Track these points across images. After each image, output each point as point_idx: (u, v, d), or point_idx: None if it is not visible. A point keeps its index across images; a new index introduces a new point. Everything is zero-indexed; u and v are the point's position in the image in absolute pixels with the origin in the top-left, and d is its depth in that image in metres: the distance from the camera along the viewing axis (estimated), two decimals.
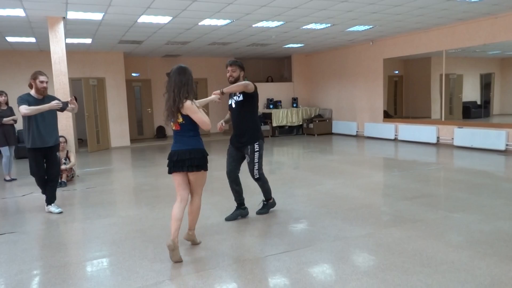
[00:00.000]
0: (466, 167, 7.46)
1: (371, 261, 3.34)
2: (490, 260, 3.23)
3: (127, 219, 4.88)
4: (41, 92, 4.94)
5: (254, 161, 4.49)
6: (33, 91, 4.98)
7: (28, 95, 4.93)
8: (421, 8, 7.82)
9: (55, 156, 5.20)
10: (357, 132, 13.14)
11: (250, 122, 4.54)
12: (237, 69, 4.49)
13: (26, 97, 4.86)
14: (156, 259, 3.55)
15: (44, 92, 4.97)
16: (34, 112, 4.77)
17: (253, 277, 3.13)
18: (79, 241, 4.29)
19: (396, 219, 4.43)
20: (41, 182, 5.19)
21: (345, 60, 13.54)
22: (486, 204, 4.90)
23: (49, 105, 4.79)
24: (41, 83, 4.91)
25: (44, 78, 4.93)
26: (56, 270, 3.43)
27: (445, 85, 10.37)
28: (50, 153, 5.11)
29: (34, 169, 5.08)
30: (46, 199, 5.24)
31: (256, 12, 7.65)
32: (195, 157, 3.62)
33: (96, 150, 11.90)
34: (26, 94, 4.96)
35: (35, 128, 4.90)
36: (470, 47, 9.57)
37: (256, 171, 4.52)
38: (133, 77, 14.22)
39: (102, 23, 8.08)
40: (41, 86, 4.91)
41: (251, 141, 4.48)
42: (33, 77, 4.94)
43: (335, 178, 6.82)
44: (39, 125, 4.91)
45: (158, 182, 7.08)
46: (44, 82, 4.92)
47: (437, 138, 10.34)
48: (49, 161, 5.15)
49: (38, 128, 4.91)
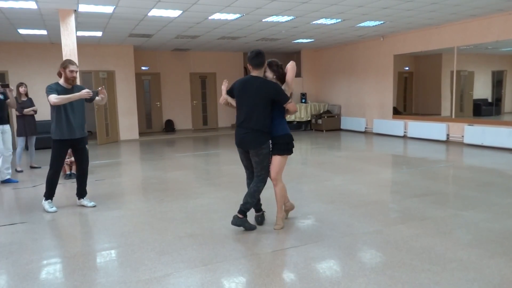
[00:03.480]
0: (476, 165, 7.39)
1: (379, 258, 3.34)
2: (500, 259, 3.21)
3: (136, 212, 4.92)
4: (70, 82, 4.81)
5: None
6: (62, 80, 4.83)
7: (57, 84, 4.80)
8: (433, 3, 7.73)
9: (85, 148, 5.05)
10: (366, 129, 13.07)
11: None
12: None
13: (55, 86, 4.74)
14: (164, 251, 3.58)
15: (74, 82, 4.85)
16: (64, 101, 4.64)
17: (261, 271, 3.14)
18: (88, 232, 4.34)
19: (404, 216, 4.41)
20: (57, 176, 5.00)
21: (355, 56, 13.44)
22: (496, 202, 4.85)
23: (80, 94, 4.68)
24: (71, 72, 4.78)
25: (74, 68, 4.80)
26: (66, 261, 3.48)
27: (456, 82, 10.25)
28: (78, 146, 4.96)
29: (56, 161, 4.91)
30: (77, 193, 5.21)
31: (266, 6, 7.61)
32: None
33: (105, 142, 11.99)
34: (55, 83, 4.82)
35: (65, 118, 4.75)
36: (482, 43, 9.43)
37: None
38: (143, 70, 14.27)
39: (112, 16, 8.10)
40: (70, 76, 4.78)
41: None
42: (63, 65, 4.80)
43: (343, 174, 6.80)
44: (69, 115, 4.76)
45: (166, 176, 7.12)
46: (74, 71, 4.80)
47: (447, 136, 10.24)
48: (80, 154, 5.02)
49: (68, 119, 4.76)
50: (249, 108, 3.89)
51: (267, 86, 3.87)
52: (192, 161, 8.70)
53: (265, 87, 3.87)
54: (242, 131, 3.94)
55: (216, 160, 8.87)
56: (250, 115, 3.89)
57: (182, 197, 5.51)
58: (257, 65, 3.89)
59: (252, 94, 3.87)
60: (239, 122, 3.97)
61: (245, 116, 3.92)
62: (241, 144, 4.01)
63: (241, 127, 3.95)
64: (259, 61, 3.89)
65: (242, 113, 3.95)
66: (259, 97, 3.85)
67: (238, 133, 4.00)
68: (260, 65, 3.90)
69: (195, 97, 15.28)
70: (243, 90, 3.94)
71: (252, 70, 3.92)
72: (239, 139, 4.01)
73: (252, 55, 3.88)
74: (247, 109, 3.90)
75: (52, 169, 4.93)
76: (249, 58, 3.90)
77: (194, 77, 15.17)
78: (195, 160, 8.83)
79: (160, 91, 14.67)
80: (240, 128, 3.97)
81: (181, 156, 9.42)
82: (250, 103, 3.88)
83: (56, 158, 4.90)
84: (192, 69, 15.03)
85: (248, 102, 3.89)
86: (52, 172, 4.94)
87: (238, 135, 4.01)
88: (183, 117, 15.09)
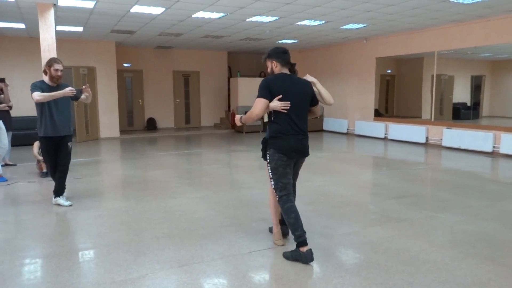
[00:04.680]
0: (453, 168, 7.53)
1: (355, 259, 3.36)
2: (472, 261, 3.27)
3: (113, 211, 4.85)
4: (55, 80, 4.87)
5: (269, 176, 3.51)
6: (47, 78, 4.90)
7: (42, 82, 4.87)
8: (415, 8, 7.84)
9: (67, 146, 5.04)
10: (348, 130, 13.19)
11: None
12: (267, 61, 3.54)
13: (39, 84, 4.80)
14: (140, 252, 3.54)
15: (58, 80, 4.90)
16: (47, 99, 4.69)
17: (237, 272, 3.14)
18: (63, 232, 4.25)
19: (381, 218, 4.46)
20: (53, 170, 5.11)
21: (339, 58, 13.55)
22: (471, 205, 4.96)
23: (63, 92, 4.69)
24: (56, 71, 4.83)
25: (59, 66, 4.84)
26: (38, 262, 3.40)
27: (436, 86, 10.44)
28: (62, 143, 4.99)
29: (45, 157, 5.11)
30: (54, 191, 5.13)
31: (250, 6, 7.60)
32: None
33: (85, 140, 11.79)
34: (40, 81, 4.90)
35: (49, 116, 4.82)
36: (462, 48, 9.63)
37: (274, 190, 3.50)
38: (125, 67, 14.08)
39: (94, 11, 7.97)
40: (55, 74, 4.83)
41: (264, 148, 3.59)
42: (48, 64, 4.85)
43: (324, 175, 6.84)
44: (52, 113, 4.83)
45: (146, 175, 7.04)
46: (58, 70, 4.84)
47: (426, 138, 10.42)
48: (61, 152, 5.02)
49: (52, 116, 4.83)
50: (299, 110, 3.39)
51: (307, 84, 3.48)
52: (174, 160, 8.63)
53: (307, 86, 3.47)
54: (301, 137, 3.40)
55: (198, 160, 8.82)
56: (303, 118, 3.43)
57: (162, 196, 5.46)
58: (288, 62, 3.47)
59: (298, 94, 3.38)
60: (293, 127, 3.37)
61: (298, 119, 3.39)
62: (300, 152, 3.44)
63: (298, 132, 3.39)
64: (289, 58, 3.50)
65: (294, 116, 3.37)
66: (304, 96, 3.42)
67: (297, 140, 3.38)
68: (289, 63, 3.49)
69: (178, 96, 15.17)
70: (289, 91, 3.36)
71: (281, 67, 3.45)
72: (300, 147, 3.41)
73: (282, 51, 3.45)
74: (298, 111, 3.38)
75: (48, 167, 5.20)
76: (278, 53, 3.44)
77: (177, 75, 15.05)
78: (177, 159, 8.76)
79: (142, 89, 14.51)
80: (298, 134, 3.38)
81: (162, 155, 9.33)
82: (299, 104, 3.39)
83: (45, 155, 5.08)
84: (176, 67, 14.91)
85: (297, 104, 3.37)
86: (49, 170, 5.20)
87: (297, 142, 3.38)
88: (165, 116, 14.96)
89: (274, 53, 3.46)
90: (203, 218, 4.48)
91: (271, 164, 3.39)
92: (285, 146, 3.36)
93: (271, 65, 3.47)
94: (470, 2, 7.30)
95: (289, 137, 3.36)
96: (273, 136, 3.40)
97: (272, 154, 3.37)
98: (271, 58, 3.46)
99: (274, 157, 3.36)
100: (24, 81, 11.09)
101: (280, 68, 3.45)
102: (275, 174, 3.38)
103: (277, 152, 3.35)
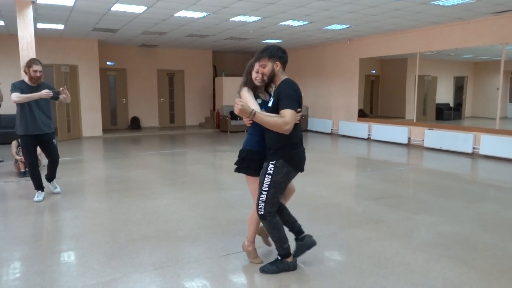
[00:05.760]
0: (434, 169, 7.62)
1: (330, 262, 3.37)
2: (445, 263, 3.30)
3: (90, 213, 4.77)
4: (34, 81, 4.98)
5: (261, 187, 3.03)
6: (27, 78, 5.02)
7: (22, 82, 5.00)
8: (397, 10, 7.90)
9: (52, 143, 5.24)
10: (332, 130, 13.25)
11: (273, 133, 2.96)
12: (268, 61, 3.00)
13: (19, 85, 4.92)
14: (114, 255, 3.48)
15: (38, 81, 5.01)
16: (24, 100, 4.81)
17: (211, 275, 3.11)
18: (37, 234, 4.16)
19: (360, 220, 4.48)
20: (33, 168, 5.22)
21: (323, 58, 13.60)
22: (448, 206, 5.01)
23: (39, 94, 4.81)
24: (35, 72, 4.94)
25: (37, 68, 4.96)
26: (8, 264, 3.32)
27: (419, 87, 10.54)
28: (46, 141, 5.15)
29: (25, 155, 5.19)
30: (46, 176, 5.44)
31: (233, 6, 7.57)
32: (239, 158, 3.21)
33: (67, 139, 11.61)
34: (20, 81, 5.05)
35: (29, 114, 4.93)
36: (443, 50, 9.74)
37: (261, 204, 3.02)
38: (108, 66, 13.91)
39: (74, 9, 7.84)
40: (34, 75, 4.95)
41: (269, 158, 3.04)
42: (28, 65, 4.98)
43: (305, 176, 6.78)
44: (33, 111, 4.94)
45: (127, 175, 6.95)
46: (37, 71, 4.95)
47: (409, 139, 10.52)
48: (48, 149, 5.23)
49: (33, 114, 4.94)
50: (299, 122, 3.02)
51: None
52: (156, 160, 8.56)
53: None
54: (303, 150, 3.11)
55: (181, 160, 8.76)
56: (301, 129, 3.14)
57: (141, 197, 5.40)
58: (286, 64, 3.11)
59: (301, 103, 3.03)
60: (299, 139, 3.06)
61: (301, 131, 3.12)
62: (303, 166, 3.13)
63: (302, 145, 3.10)
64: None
65: (299, 128, 3.05)
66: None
67: (303, 153, 3.08)
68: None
69: (162, 95, 15.05)
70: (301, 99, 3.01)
71: (283, 70, 3.07)
72: (303, 161, 3.10)
73: (283, 50, 3.06)
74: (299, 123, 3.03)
75: (27, 164, 5.34)
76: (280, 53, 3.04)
77: (161, 74, 14.93)
78: (160, 159, 8.69)
79: (126, 87, 14.35)
80: (302, 147, 3.08)
81: (145, 154, 9.25)
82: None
83: (25, 153, 5.16)
84: (160, 65, 14.78)
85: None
86: (28, 167, 5.31)
87: (303, 156, 3.08)
88: (149, 115, 14.83)
89: (276, 52, 2.99)
90: (182, 220, 4.45)
91: (276, 177, 2.95)
92: (298, 159, 3.02)
93: (272, 66, 2.98)
94: (450, 4, 7.39)
95: (300, 148, 3.04)
96: (285, 147, 2.95)
97: (280, 166, 2.94)
98: (274, 58, 2.97)
99: (282, 170, 2.95)
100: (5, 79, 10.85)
101: (282, 71, 3.04)
102: (275, 188, 2.96)
103: (288, 164, 2.96)
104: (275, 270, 3.10)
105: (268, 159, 3.01)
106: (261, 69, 3.02)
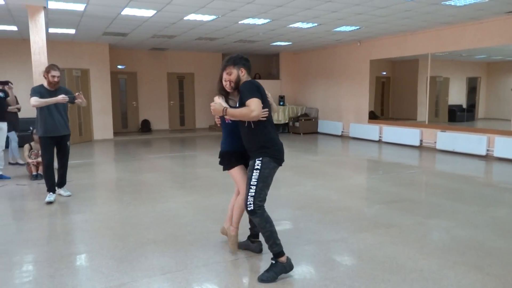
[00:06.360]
0: (446, 172, 7.49)
1: (341, 267, 3.31)
2: (459, 270, 3.22)
3: (100, 216, 4.79)
4: (52, 85, 5.24)
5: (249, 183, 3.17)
6: (46, 83, 5.28)
7: (41, 87, 5.28)
8: (407, 11, 7.81)
9: (66, 145, 5.49)
10: (343, 132, 13.15)
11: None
12: (233, 68, 3.28)
13: (38, 89, 5.20)
14: (123, 259, 3.48)
15: (56, 85, 5.26)
16: (42, 105, 5.08)
17: (219, 280, 3.08)
18: (47, 237, 4.18)
19: (370, 224, 4.41)
20: (48, 169, 5.35)
21: (333, 60, 13.52)
22: (461, 210, 4.91)
23: (56, 99, 5.10)
24: (53, 77, 5.20)
25: (55, 73, 5.21)
26: (17, 268, 3.34)
27: (431, 88, 10.40)
28: (62, 142, 5.41)
29: (44, 155, 5.33)
30: (57, 183, 5.59)
31: (242, 8, 7.56)
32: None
33: (78, 142, 11.71)
34: (40, 85, 5.33)
35: (49, 116, 5.19)
36: (456, 51, 9.60)
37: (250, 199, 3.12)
38: (119, 69, 14.01)
39: (84, 14, 7.91)
40: (52, 80, 5.21)
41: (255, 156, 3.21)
42: (46, 70, 5.23)
43: (316, 179, 6.79)
44: (52, 114, 5.20)
45: (137, 178, 6.97)
46: (55, 76, 5.20)
47: (420, 141, 10.39)
48: (61, 150, 5.47)
49: (52, 117, 5.20)
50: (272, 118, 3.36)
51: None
52: (167, 162, 8.57)
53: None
54: (282, 143, 3.32)
55: (191, 163, 8.76)
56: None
57: (150, 200, 5.40)
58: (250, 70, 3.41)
59: (268, 102, 3.32)
60: (276, 134, 3.30)
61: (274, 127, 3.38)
62: (283, 158, 3.32)
63: (279, 138, 3.31)
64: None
65: (272, 124, 3.31)
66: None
67: (282, 146, 3.29)
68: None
69: (173, 97, 15.11)
70: (265, 97, 3.30)
71: (247, 76, 3.34)
72: (283, 153, 3.30)
73: (246, 58, 3.37)
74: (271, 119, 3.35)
75: (44, 163, 5.41)
76: (243, 60, 3.32)
77: (171, 77, 14.99)
78: (170, 161, 8.70)
79: (136, 91, 14.44)
80: (279, 140, 3.30)
81: (155, 157, 9.27)
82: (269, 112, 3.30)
83: (44, 152, 5.34)
84: (170, 69, 14.85)
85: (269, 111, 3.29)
86: (44, 166, 5.43)
87: (282, 149, 3.29)
88: (159, 117, 14.90)
89: (239, 60, 3.29)
90: (191, 223, 4.43)
91: (264, 172, 3.12)
92: (281, 155, 3.23)
93: (237, 73, 3.26)
94: (462, 4, 7.28)
95: (279, 142, 3.25)
96: (267, 145, 3.16)
97: (267, 162, 3.13)
98: (238, 65, 3.26)
99: (269, 165, 3.14)
100: (18, 83, 10.99)
101: (247, 77, 3.30)
102: (263, 183, 3.12)
103: (273, 161, 3.16)
104: (273, 276, 3.07)
105: (254, 157, 3.20)
106: (227, 76, 3.31)
